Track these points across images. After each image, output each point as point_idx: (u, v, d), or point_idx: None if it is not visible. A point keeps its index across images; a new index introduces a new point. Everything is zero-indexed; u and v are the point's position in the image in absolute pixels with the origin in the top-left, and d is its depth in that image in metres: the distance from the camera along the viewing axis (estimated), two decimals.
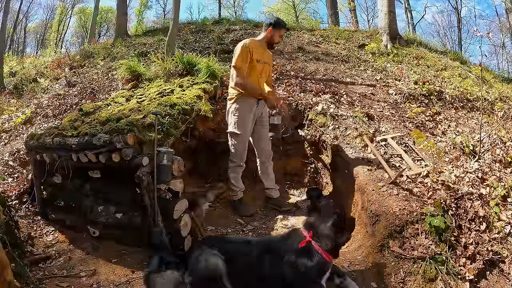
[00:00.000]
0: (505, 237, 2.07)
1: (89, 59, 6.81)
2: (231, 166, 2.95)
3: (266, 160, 3.05)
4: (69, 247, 2.33)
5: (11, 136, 4.24)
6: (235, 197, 3.03)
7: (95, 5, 12.62)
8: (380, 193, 2.37)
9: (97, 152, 2.20)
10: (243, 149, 2.89)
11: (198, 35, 6.92)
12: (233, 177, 2.96)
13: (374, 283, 1.95)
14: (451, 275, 1.86)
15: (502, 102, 4.75)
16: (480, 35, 3.03)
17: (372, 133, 3.20)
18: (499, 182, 2.39)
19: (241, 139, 2.85)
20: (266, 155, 3.04)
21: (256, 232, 2.73)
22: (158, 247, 2.13)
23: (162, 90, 3.50)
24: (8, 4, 8.34)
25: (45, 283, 1.88)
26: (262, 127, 3.00)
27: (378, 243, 2.10)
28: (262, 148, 3.02)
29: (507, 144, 2.95)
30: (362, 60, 5.74)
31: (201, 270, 1.85)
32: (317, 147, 3.44)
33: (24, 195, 2.90)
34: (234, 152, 2.89)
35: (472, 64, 6.66)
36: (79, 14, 22.49)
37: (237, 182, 2.98)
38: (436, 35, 19.80)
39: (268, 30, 2.88)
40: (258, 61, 2.83)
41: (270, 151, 3.07)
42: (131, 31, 11.09)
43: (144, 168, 2.09)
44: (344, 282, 1.88)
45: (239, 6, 23.63)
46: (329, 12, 11.78)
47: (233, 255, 1.90)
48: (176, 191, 2.24)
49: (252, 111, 2.85)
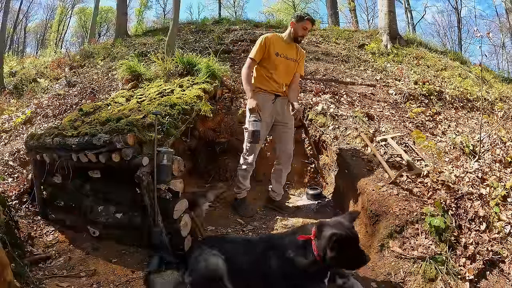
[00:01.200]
0: (505, 237, 2.07)
1: (89, 59, 6.81)
2: (242, 164, 2.87)
3: (283, 164, 2.92)
4: (69, 247, 2.33)
5: (11, 136, 4.24)
6: (239, 195, 2.99)
7: (95, 5, 12.61)
8: (380, 193, 2.37)
9: (97, 152, 2.19)
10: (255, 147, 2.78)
11: (198, 35, 6.92)
12: (242, 175, 2.89)
13: (374, 283, 1.95)
14: (451, 275, 1.86)
15: (502, 102, 4.75)
16: (480, 35, 3.02)
17: (372, 133, 3.20)
18: (499, 182, 2.39)
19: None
20: (284, 158, 2.90)
21: (256, 232, 2.73)
22: (158, 247, 2.13)
23: (162, 90, 3.50)
24: (8, 4, 8.34)
25: (45, 283, 1.88)
26: (283, 126, 2.87)
27: (378, 243, 2.10)
28: (280, 149, 2.91)
29: (507, 144, 2.95)
30: (362, 60, 5.75)
31: (201, 270, 1.85)
32: (317, 147, 3.44)
33: (24, 195, 2.90)
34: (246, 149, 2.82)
35: (472, 64, 6.66)
36: (79, 14, 22.49)
37: (245, 180, 2.92)
38: (436, 35, 19.82)
39: (291, 23, 2.79)
40: (277, 55, 2.72)
41: (289, 154, 2.90)
42: (131, 31, 11.08)
43: (144, 168, 2.09)
44: (347, 282, 1.87)
45: (239, 6, 23.65)
46: (329, 12, 11.78)
47: (233, 254, 1.90)
48: (176, 191, 2.24)
49: (266, 107, 2.72)
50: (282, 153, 2.92)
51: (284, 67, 2.79)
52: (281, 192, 3.10)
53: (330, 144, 3.19)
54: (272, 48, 2.71)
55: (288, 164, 2.96)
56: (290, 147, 2.94)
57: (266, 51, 2.70)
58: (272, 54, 2.71)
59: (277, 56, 2.73)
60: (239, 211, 3.00)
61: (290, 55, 2.81)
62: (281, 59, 2.75)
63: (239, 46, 5.90)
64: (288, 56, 2.79)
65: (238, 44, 6.06)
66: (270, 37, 2.73)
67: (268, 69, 2.75)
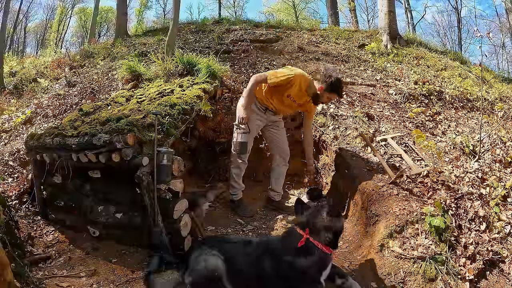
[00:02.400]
0: (505, 237, 2.07)
1: (89, 59, 6.80)
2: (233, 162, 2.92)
3: (278, 162, 3.01)
4: (69, 247, 2.33)
5: (11, 136, 4.24)
6: (235, 196, 3.01)
7: (95, 5, 12.59)
8: (380, 193, 2.37)
9: (97, 152, 2.19)
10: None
11: (198, 35, 6.92)
12: (236, 173, 2.93)
13: (374, 283, 1.95)
14: (451, 275, 1.86)
15: (502, 102, 4.75)
16: (480, 35, 3.02)
17: (372, 133, 3.20)
18: (499, 182, 2.39)
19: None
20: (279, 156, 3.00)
21: (256, 232, 2.73)
22: (158, 247, 2.13)
23: (162, 90, 3.49)
24: (8, 4, 8.33)
25: (45, 283, 1.88)
26: (274, 127, 2.98)
27: (378, 243, 2.10)
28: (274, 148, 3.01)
29: (507, 144, 2.95)
30: (362, 60, 5.74)
31: (201, 270, 1.85)
32: (317, 147, 3.44)
33: (24, 195, 2.90)
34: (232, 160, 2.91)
35: (472, 64, 6.65)
36: (79, 14, 22.48)
37: (239, 179, 2.96)
38: (436, 35, 19.81)
39: (319, 88, 2.61)
40: (288, 96, 2.74)
41: (285, 151, 3.01)
42: (131, 31, 11.07)
43: (144, 168, 2.09)
44: (346, 282, 1.88)
45: (239, 6, 23.60)
46: (329, 12, 11.77)
47: (233, 255, 1.90)
48: (176, 191, 2.24)
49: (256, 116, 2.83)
50: (277, 151, 3.00)
51: (288, 104, 2.84)
52: (281, 192, 3.11)
53: (330, 144, 3.19)
54: (288, 91, 2.70)
55: (285, 162, 3.02)
56: (284, 145, 3.01)
57: (283, 87, 2.68)
58: (284, 93, 2.72)
59: (288, 97, 2.76)
60: (238, 212, 3.01)
61: (299, 100, 2.79)
62: (289, 101, 2.79)
63: (239, 46, 5.89)
64: (297, 101, 2.79)
65: (238, 44, 6.05)
66: (296, 80, 2.63)
67: (273, 94, 2.78)
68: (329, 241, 1.79)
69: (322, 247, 1.77)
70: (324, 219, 1.83)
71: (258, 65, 4.98)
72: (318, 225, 1.82)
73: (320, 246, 1.77)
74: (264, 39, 6.33)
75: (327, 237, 1.79)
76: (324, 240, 1.79)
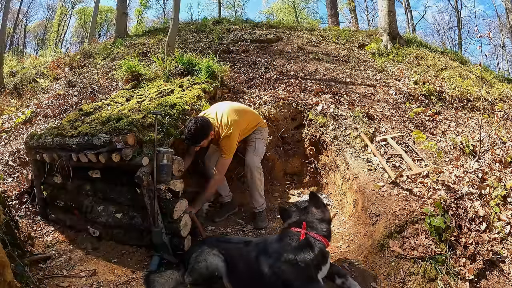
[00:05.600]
0: (505, 237, 2.07)
1: (89, 59, 6.80)
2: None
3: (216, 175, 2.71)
4: (69, 247, 2.34)
5: (11, 136, 4.24)
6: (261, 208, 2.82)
7: (95, 5, 12.59)
8: (380, 193, 2.37)
9: (97, 152, 2.20)
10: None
11: (198, 35, 6.91)
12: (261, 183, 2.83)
13: (374, 283, 1.95)
14: (451, 275, 1.85)
15: (502, 102, 4.75)
16: (480, 36, 3.01)
17: (372, 133, 3.20)
18: (499, 182, 2.39)
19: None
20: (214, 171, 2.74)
21: (256, 232, 2.73)
22: (158, 247, 2.13)
23: (162, 90, 3.50)
24: (8, 4, 8.32)
25: (45, 283, 1.88)
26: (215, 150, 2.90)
27: (378, 243, 2.10)
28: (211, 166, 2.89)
29: (507, 144, 2.95)
30: (362, 60, 5.74)
31: (201, 270, 1.85)
32: (317, 147, 3.44)
33: (24, 195, 2.90)
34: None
35: (472, 64, 6.65)
36: (79, 14, 22.51)
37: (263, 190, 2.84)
38: (436, 35, 19.86)
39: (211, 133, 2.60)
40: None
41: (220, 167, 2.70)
42: (131, 31, 11.08)
43: (144, 168, 2.09)
44: (346, 282, 1.88)
45: (239, 6, 23.62)
46: (329, 12, 11.77)
47: (233, 255, 1.90)
48: (176, 191, 2.25)
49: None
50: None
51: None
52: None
53: (330, 144, 3.19)
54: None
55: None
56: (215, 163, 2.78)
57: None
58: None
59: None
60: (259, 225, 2.78)
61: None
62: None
63: (239, 46, 5.90)
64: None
65: (238, 44, 6.05)
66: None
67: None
68: (325, 231, 1.90)
69: (321, 238, 1.84)
70: (314, 213, 1.96)
71: (258, 65, 4.98)
72: (311, 219, 1.93)
73: (319, 237, 1.84)
74: (264, 39, 6.33)
75: (322, 228, 1.91)
76: (321, 231, 1.89)
